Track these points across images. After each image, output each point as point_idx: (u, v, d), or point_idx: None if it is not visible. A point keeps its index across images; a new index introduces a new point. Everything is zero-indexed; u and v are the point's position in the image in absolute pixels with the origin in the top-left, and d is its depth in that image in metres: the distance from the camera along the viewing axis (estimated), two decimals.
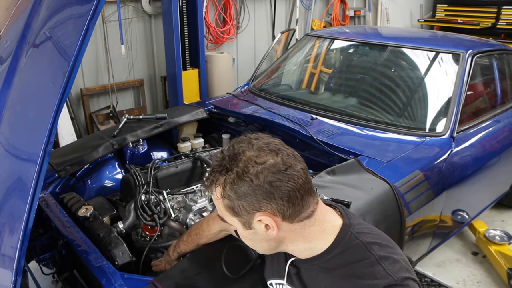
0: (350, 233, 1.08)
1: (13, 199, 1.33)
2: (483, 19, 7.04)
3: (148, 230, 1.91)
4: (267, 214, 1.01)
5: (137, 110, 4.79)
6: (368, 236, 1.08)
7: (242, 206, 1.01)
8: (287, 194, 0.99)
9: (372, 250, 1.04)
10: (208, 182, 1.05)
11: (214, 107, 2.96)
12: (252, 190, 0.99)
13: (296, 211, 1.02)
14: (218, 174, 1.02)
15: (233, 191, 1.00)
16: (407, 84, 2.78)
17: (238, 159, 1.00)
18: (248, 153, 1.01)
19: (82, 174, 2.38)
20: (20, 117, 1.42)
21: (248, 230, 1.05)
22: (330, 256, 1.07)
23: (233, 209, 1.03)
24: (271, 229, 1.03)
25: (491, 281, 2.86)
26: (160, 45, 4.81)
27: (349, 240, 1.07)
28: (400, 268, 1.02)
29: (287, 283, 1.18)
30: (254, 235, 1.06)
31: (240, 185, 0.99)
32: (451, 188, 2.29)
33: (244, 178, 0.98)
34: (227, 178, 1.00)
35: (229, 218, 1.06)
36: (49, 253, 2.02)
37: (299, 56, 3.47)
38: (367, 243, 1.06)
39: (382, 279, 0.99)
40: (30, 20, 1.41)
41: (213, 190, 1.04)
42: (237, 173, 0.99)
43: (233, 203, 1.01)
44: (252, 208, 1.01)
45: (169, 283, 1.41)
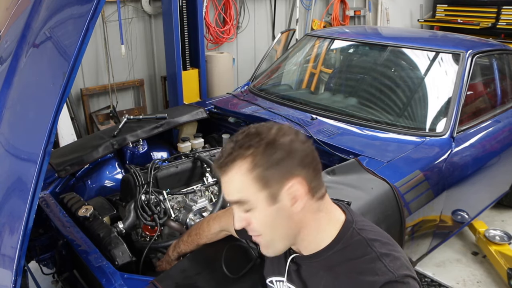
0: (353, 229, 1.09)
1: (13, 199, 1.33)
2: (483, 19, 7.04)
3: (148, 230, 1.91)
4: (299, 180, 1.02)
5: (137, 110, 4.79)
6: (369, 233, 1.09)
7: (274, 174, 1.00)
8: (313, 164, 1.04)
9: (373, 246, 1.05)
10: (229, 159, 1.02)
11: (214, 107, 2.96)
12: (287, 155, 1.01)
13: (318, 185, 1.06)
14: (244, 149, 1.01)
15: (265, 159, 1.00)
16: (407, 84, 2.78)
17: (264, 135, 1.02)
18: (272, 128, 1.04)
19: (82, 174, 2.38)
20: (20, 117, 1.42)
21: (272, 206, 1.02)
22: (332, 252, 1.08)
23: (263, 180, 1.00)
24: (298, 201, 1.03)
25: (491, 281, 2.86)
26: (160, 45, 4.81)
27: (351, 236, 1.07)
28: (401, 266, 1.02)
29: (287, 280, 1.18)
30: (277, 213, 1.03)
31: (273, 151, 1.00)
32: (451, 188, 2.29)
33: (277, 145, 1.01)
34: (257, 149, 1.01)
35: (255, 195, 1.02)
36: (49, 253, 2.02)
37: (299, 56, 3.47)
38: (368, 240, 1.06)
39: (383, 276, 0.99)
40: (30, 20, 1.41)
41: (238, 166, 1.01)
42: (267, 143, 1.01)
43: (264, 172, 1.00)
44: (286, 174, 1.01)
45: (169, 283, 1.41)
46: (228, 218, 1.49)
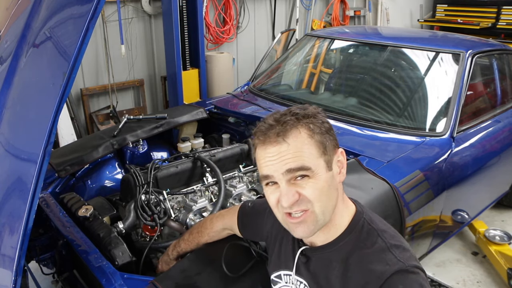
0: (363, 219, 1.12)
1: (13, 199, 1.33)
2: (483, 19, 7.04)
3: (148, 230, 1.91)
4: (341, 151, 1.10)
5: (137, 110, 4.79)
6: (379, 224, 1.12)
7: (330, 140, 1.06)
8: None
9: (383, 237, 1.07)
10: (288, 126, 1.03)
11: (214, 107, 2.96)
12: (330, 127, 1.09)
13: None
14: (300, 117, 1.05)
15: (320, 126, 1.05)
16: (407, 84, 2.78)
17: (305, 111, 1.07)
18: (309, 108, 1.10)
19: (82, 174, 2.38)
20: (20, 117, 1.42)
21: (329, 172, 1.05)
22: (343, 242, 1.09)
23: (323, 145, 1.05)
24: (343, 168, 1.10)
25: (491, 281, 2.86)
26: (160, 45, 4.81)
27: (362, 226, 1.10)
28: (410, 257, 1.04)
29: (295, 273, 1.18)
30: (331, 180, 1.06)
31: (321, 121, 1.07)
32: (451, 188, 2.29)
33: (321, 117, 1.08)
34: (310, 117, 1.05)
35: (315, 161, 1.03)
36: (49, 253, 2.02)
37: (299, 56, 3.47)
38: (379, 230, 1.09)
39: (393, 265, 1.00)
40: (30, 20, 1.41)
41: (299, 131, 1.03)
42: (313, 114, 1.07)
43: (324, 138, 1.05)
44: (335, 143, 1.08)
45: (169, 283, 1.41)
46: (232, 217, 1.49)
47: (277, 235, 1.28)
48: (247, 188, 2.12)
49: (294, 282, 1.19)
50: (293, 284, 1.19)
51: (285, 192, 1.03)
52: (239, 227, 1.47)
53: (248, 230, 1.45)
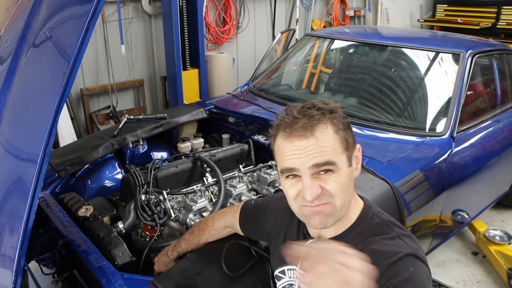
0: (372, 213, 1.14)
1: (13, 199, 1.33)
2: (483, 19, 7.04)
3: (148, 230, 1.91)
4: (360, 146, 1.13)
5: (137, 110, 4.79)
6: (387, 217, 1.14)
7: (351, 136, 1.09)
8: None
9: (393, 228, 1.09)
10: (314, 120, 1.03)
11: (214, 107, 2.96)
12: (349, 123, 1.10)
13: None
14: (325, 112, 1.05)
15: (342, 122, 1.07)
16: (407, 84, 2.78)
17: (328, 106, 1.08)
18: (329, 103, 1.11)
19: (82, 174, 2.38)
20: (20, 117, 1.42)
21: (349, 167, 1.07)
22: (351, 235, 1.11)
23: (347, 141, 1.06)
24: (359, 164, 1.12)
25: (491, 281, 2.86)
26: (160, 45, 4.81)
27: (371, 219, 1.12)
28: (419, 248, 1.06)
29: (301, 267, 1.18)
30: (351, 175, 1.08)
31: (343, 117, 1.08)
32: (451, 188, 2.29)
33: (341, 113, 1.08)
34: (332, 113, 1.06)
35: (339, 156, 1.04)
36: (49, 253, 2.02)
37: (299, 56, 3.47)
38: (388, 222, 1.11)
39: (405, 249, 1.02)
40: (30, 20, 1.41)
41: (326, 126, 1.04)
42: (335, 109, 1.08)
43: (347, 134, 1.07)
44: (354, 139, 1.10)
45: (169, 283, 1.41)
46: (234, 214, 1.49)
47: (281, 231, 1.28)
48: (247, 188, 2.12)
49: (299, 277, 1.19)
50: (298, 278, 1.19)
51: (309, 186, 1.03)
52: (241, 224, 1.47)
53: (250, 227, 1.45)
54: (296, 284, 1.20)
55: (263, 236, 1.42)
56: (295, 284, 1.21)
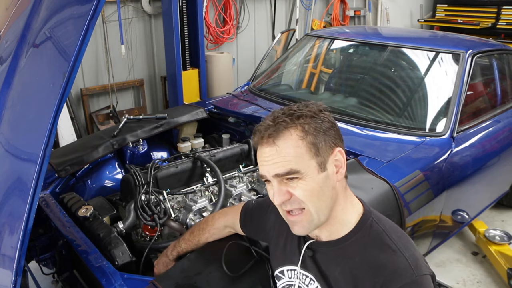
0: (371, 219, 1.11)
1: (13, 199, 1.33)
2: (483, 19, 7.04)
3: (148, 230, 1.91)
4: (340, 150, 1.09)
5: (137, 110, 4.79)
6: (386, 224, 1.12)
7: (324, 141, 1.06)
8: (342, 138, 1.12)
9: (392, 239, 1.07)
10: (282, 126, 1.04)
11: (214, 107, 2.96)
12: (330, 126, 1.08)
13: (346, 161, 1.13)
14: (295, 118, 1.05)
15: (315, 127, 1.05)
16: (407, 84, 2.78)
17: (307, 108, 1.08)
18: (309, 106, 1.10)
19: (82, 174, 2.38)
20: (20, 117, 1.42)
21: (322, 173, 1.06)
22: (350, 241, 1.10)
23: (316, 146, 1.05)
24: (341, 168, 1.09)
25: (491, 281, 2.86)
26: (160, 45, 4.81)
27: (370, 226, 1.10)
28: (418, 262, 1.04)
29: (301, 267, 1.18)
30: (325, 180, 1.06)
31: (320, 121, 1.06)
32: (451, 188, 2.29)
33: (321, 116, 1.07)
34: (306, 117, 1.05)
35: (306, 162, 1.04)
36: (49, 253, 2.02)
37: (299, 56, 3.47)
38: (387, 231, 1.09)
39: (403, 275, 1.00)
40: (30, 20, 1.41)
41: (291, 133, 1.04)
42: (314, 113, 1.07)
43: (317, 138, 1.05)
44: (332, 143, 1.07)
45: (169, 283, 1.41)
46: (234, 214, 1.49)
47: (282, 231, 1.28)
48: (247, 188, 2.12)
49: (300, 277, 1.19)
50: (298, 278, 1.19)
51: (276, 191, 1.06)
52: (241, 224, 1.47)
53: (250, 226, 1.45)
54: (295, 284, 1.20)
55: (263, 236, 1.42)
56: (294, 285, 1.21)
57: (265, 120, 1.08)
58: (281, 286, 1.27)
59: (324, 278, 1.12)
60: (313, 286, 1.15)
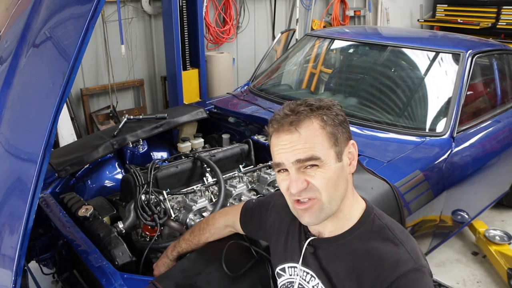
0: (374, 215, 1.13)
1: (13, 199, 1.33)
2: (483, 19, 7.04)
3: (148, 230, 1.91)
4: (353, 143, 1.13)
5: (137, 110, 4.79)
6: (388, 220, 1.14)
7: (342, 133, 1.10)
8: None
9: (394, 233, 1.09)
10: (301, 116, 1.06)
11: (214, 107, 2.96)
12: (344, 119, 1.12)
13: None
14: (314, 108, 1.08)
15: (333, 119, 1.09)
16: (407, 84, 2.78)
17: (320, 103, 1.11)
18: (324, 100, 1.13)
19: (82, 174, 2.38)
20: (20, 117, 1.42)
21: (339, 163, 1.08)
22: (353, 236, 1.11)
23: (335, 136, 1.08)
24: (353, 160, 1.12)
25: (491, 281, 2.86)
26: (160, 45, 4.81)
27: (373, 221, 1.12)
28: (419, 255, 1.07)
29: (302, 264, 1.19)
30: (341, 170, 1.09)
31: (335, 113, 1.10)
32: (451, 188, 2.29)
33: (336, 109, 1.11)
34: (324, 109, 1.08)
35: (326, 151, 1.06)
36: (49, 253, 2.02)
37: (299, 56, 3.47)
38: (389, 226, 1.11)
39: (405, 263, 1.02)
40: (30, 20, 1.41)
41: (312, 121, 1.07)
42: (328, 106, 1.10)
43: (335, 129, 1.08)
44: (347, 136, 1.11)
45: (169, 283, 1.41)
46: (235, 213, 1.49)
47: (282, 228, 1.29)
48: (247, 188, 2.12)
49: (300, 274, 1.19)
50: (299, 275, 1.20)
51: (294, 179, 1.07)
52: (241, 223, 1.47)
53: (251, 225, 1.45)
54: (296, 281, 1.20)
55: (263, 234, 1.42)
56: (295, 282, 1.21)
57: (280, 111, 1.10)
58: (282, 283, 1.27)
59: (325, 274, 1.13)
60: (314, 283, 1.15)
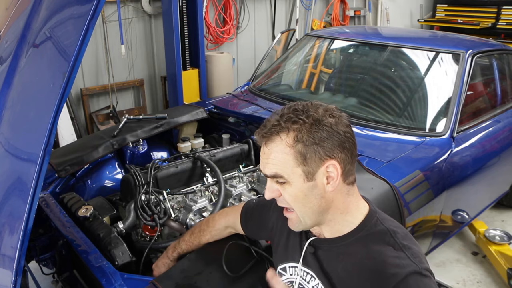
0: (376, 218, 1.12)
1: (13, 199, 1.33)
2: (483, 19, 7.04)
3: (148, 230, 1.91)
4: (337, 161, 1.05)
5: (137, 110, 4.79)
6: (391, 223, 1.12)
7: (316, 152, 1.03)
8: (352, 148, 1.07)
9: (396, 237, 1.07)
10: (275, 130, 1.05)
11: (214, 107, 2.96)
12: (329, 135, 1.04)
13: (350, 170, 1.09)
14: (290, 122, 1.05)
15: (311, 136, 1.03)
16: (407, 84, 2.78)
17: (312, 112, 1.05)
18: (319, 109, 1.07)
19: (82, 174, 2.38)
20: (20, 117, 1.42)
21: (308, 182, 1.06)
22: (354, 238, 1.10)
23: (304, 156, 1.04)
24: (332, 180, 1.06)
25: (491, 281, 2.86)
26: (160, 45, 4.81)
27: (375, 225, 1.10)
28: (422, 259, 1.05)
29: (302, 264, 1.19)
30: (311, 189, 1.06)
31: (318, 129, 1.03)
32: (451, 188, 2.29)
33: (323, 124, 1.04)
34: (304, 124, 1.04)
35: (292, 169, 1.05)
36: (49, 253, 2.02)
37: (299, 56, 3.47)
38: (391, 230, 1.09)
39: (407, 267, 1.01)
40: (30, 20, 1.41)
41: (281, 138, 1.05)
42: (314, 120, 1.04)
43: (307, 149, 1.03)
44: (326, 154, 1.04)
45: (169, 283, 1.41)
46: (235, 214, 1.49)
47: (283, 228, 1.29)
48: (247, 188, 2.12)
49: (301, 273, 1.19)
50: (299, 275, 1.19)
51: (268, 187, 1.11)
52: (242, 224, 1.47)
53: (252, 225, 1.45)
54: (296, 281, 1.20)
55: (265, 234, 1.41)
56: (295, 281, 1.21)
57: (271, 116, 1.10)
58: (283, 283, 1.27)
59: (325, 275, 1.13)
60: (314, 283, 1.15)
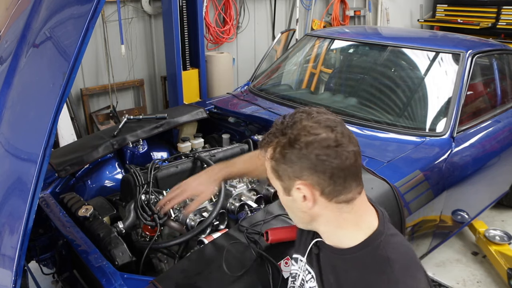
0: (380, 241, 1.04)
1: (13, 199, 1.33)
2: (483, 19, 7.04)
3: (148, 230, 1.91)
4: (306, 184, 1.02)
5: (137, 110, 4.79)
6: (394, 251, 1.03)
7: (285, 171, 1.04)
8: (330, 171, 1.00)
9: (393, 268, 0.99)
10: (264, 142, 1.09)
11: (214, 107, 2.96)
12: (298, 158, 1.01)
13: (336, 191, 1.03)
14: (273, 136, 1.06)
15: (281, 155, 1.04)
16: (407, 84, 2.78)
17: (294, 126, 1.04)
18: (304, 122, 1.03)
19: (82, 174, 2.38)
20: (20, 117, 1.42)
21: (287, 196, 1.08)
22: (350, 256, 1.05)
23: (277, 172, 1.07)
24: (308, 201, 1.04)
25: (491, 281, 2.86)
26: (160, 45, 4.81)
27: (376, 248, 1.03)
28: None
29: (307, 262, 1.19)
30: (292, 203, 1.08)
31: (288, 150, 1.02)
32: (451, 188, 2.29)
33: (294, 145, 1.01)
34: (279, 142, 1.04)
35: (273, 181, 1.10)
36: (49, 253, 2.02)
37: (299, 56, 3.47)
38: (392, 260, 1.01)
39: None
40: (30, 20, 1.41)
41: (265, 151, 1.09)
42: (289, 138, 1.02)
43: (278, 166, 1.05)
44: (294, 175, 1.03)
45: (169, 283, 1.41)
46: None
47: None
48: (247, 188, 2.12)
49: (304, 270, 1.20)
50: (303, 271, 1.20)
51: None
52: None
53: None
54: (300, 276, 1.20)
55: None
56: (298, 275, 1.21)
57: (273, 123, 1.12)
58: (291, 272, 1.28)
59: (321, 281, 1.12)
60: (311, 284, 1.15)
